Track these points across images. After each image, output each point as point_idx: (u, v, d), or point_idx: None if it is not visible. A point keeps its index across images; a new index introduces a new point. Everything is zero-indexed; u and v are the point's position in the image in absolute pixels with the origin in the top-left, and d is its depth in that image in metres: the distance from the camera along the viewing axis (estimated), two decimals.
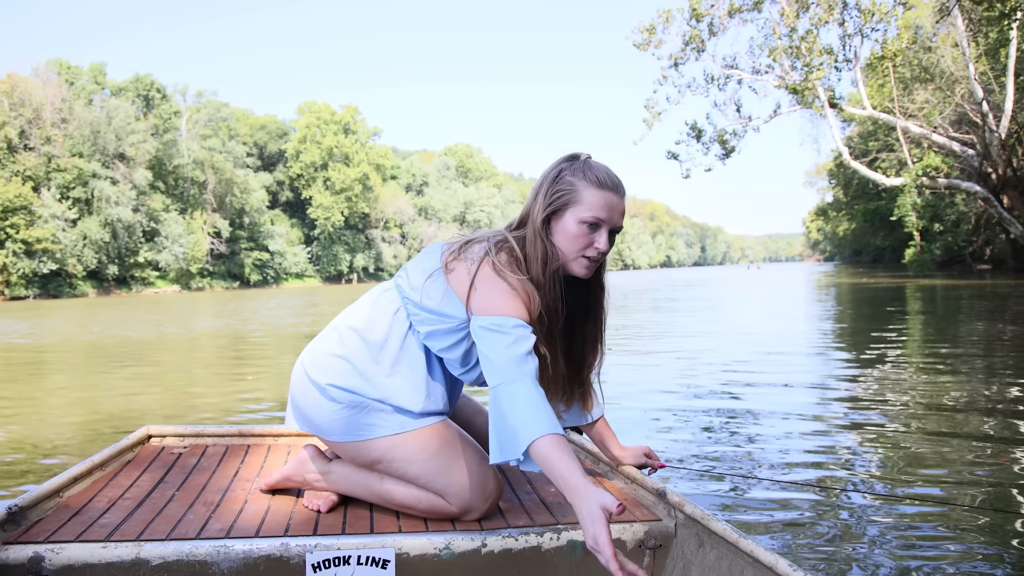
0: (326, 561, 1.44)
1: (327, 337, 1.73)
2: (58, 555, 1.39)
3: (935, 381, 4.99)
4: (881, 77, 30.16)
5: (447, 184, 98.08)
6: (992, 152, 27.85)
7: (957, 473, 2.83)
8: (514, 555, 1.50)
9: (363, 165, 77.01)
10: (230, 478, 1.94)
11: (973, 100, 28.34)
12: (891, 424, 3.71)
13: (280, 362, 7.35)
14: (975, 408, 4.04)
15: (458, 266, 1.58)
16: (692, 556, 1.49)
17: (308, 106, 78.02)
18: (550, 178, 1.60)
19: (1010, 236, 29.31)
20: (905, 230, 31.35)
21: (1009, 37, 25.27)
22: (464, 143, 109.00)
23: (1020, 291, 16.69)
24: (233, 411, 4.59)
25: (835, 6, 26.11)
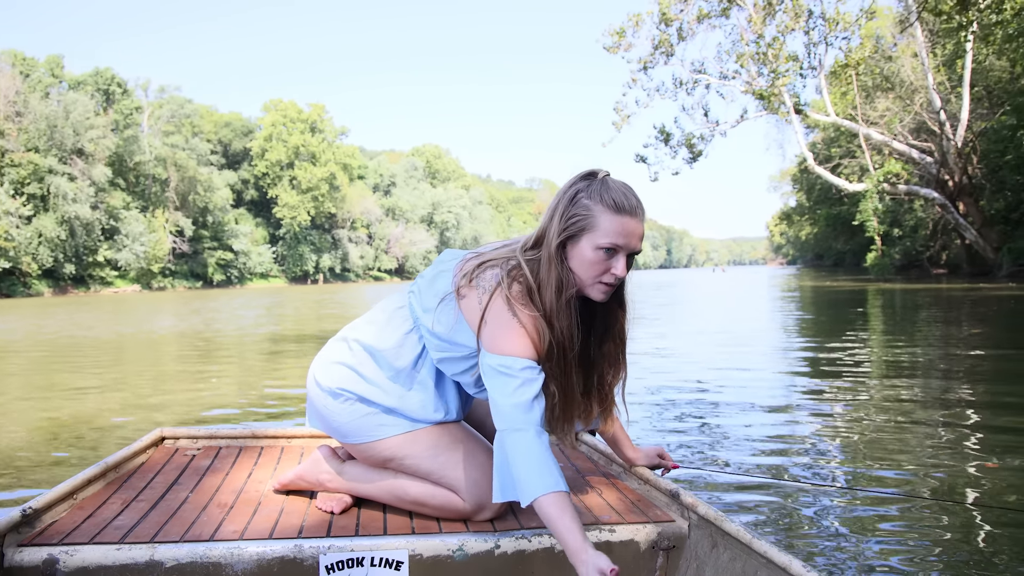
0: (339, 563, 1.44)
1: (338, 348, 1.72)
2: (72, 557, 1.39)
3: (929, 385, 5.06)
4: (844, 85, 30.71)
5: (415, 185, 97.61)
6: (949, 160, 28.56)
7: (964, 472, 2.87)
8: (527, 556, 1.50)
9: (330, 164, 76.30)
10: (243, 480, 1.94)
11: (931, 109, 29.03)
12: (884, 422, 3.74)
13: (246, 364, 7.21)
14: (973, 408, 4.10)
15: (470, 293, 1.55)
16: (706, 557, 1.49)
17: (274, 104, 77.06)
18: (565, 200, 1.55)
19: (965, 241, 30.06)
20: (867, 235, 31.96)
21: (965, 49, 25.93)
22: (432, 144, 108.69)
23: (974, 295, 17.11)
24: (196, 416, 4.48)
25: (801, 14, 26.54)
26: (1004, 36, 23.39)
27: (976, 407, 4.23)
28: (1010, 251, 26.31)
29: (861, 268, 41.30)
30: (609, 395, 1.74)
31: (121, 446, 2.23)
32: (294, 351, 8.36)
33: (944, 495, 2.64)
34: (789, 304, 16.41)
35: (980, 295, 16.91)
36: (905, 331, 9.00)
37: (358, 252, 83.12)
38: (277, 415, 4.40)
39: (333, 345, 1.75)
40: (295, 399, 4.96)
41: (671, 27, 29.14)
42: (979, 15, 18.89)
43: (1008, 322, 10.24)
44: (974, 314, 11.63)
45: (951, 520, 2.38)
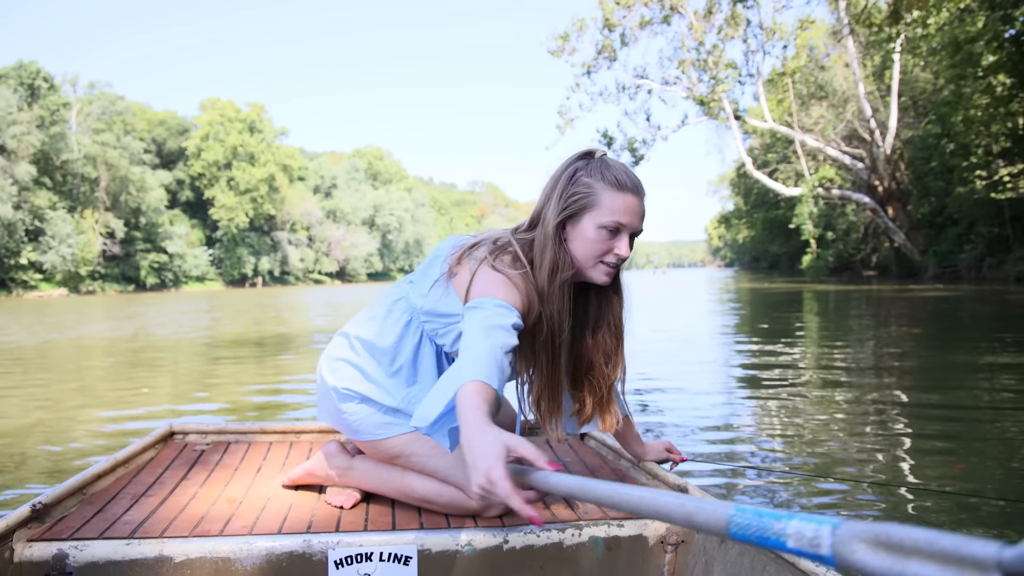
0: (348, 558, 1.44)
1: (342, 345, 1.72)
2: (82, 552, 1.39)
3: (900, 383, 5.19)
4: (781, 92, 31.63)
5: (356, 186, 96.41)
6: (879, 166, 29.68)
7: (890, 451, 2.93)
8: (536, 551, 1.50)
9: (269, 165, 74.68)
10: (252, 475, 1.94)
11: (862, 117, 30.13)
12: (865, 414, 3.81)
13: (181, 372, 6.96)
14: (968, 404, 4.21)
15: (461, 270, 1.53)
16: (714, 552, 1.49)
17: (211, 103, 75.05)
18: (564, 179, 1.50)
19: (894, 244, 31.26)
20: (802, 238, 32.96)
21: (893, 60, 27.02)
22: (374, 145, 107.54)
23: (902, 295, 17.79)
24: (122, 431, 4.29)
25: (740, 23, 27.21)
26: (928, 49, 24.47)
27: (911, 395, 4.37)
28: (935, 254, 27.46)
29: (796, 270, 42.52)
30: (605, 390, 1.68)
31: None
32: (230, 357, 8.13)
33: (893, 478, 2.70)
34: (730, 305, 16.76)
35: (909, 296, 17.59)
36: (841, 328, 9.28)
37: (298, 255, 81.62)
38: None
39: (339, 341, 1.73)
40: (231, 411, 4.80)
41: (614, 32, 29.58)
42: (906, 28, 19.70)
43: (934, 320, 10.67)
44: (903, 313, 12.08)
45: (960, 511, 2.42)
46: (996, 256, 24.07)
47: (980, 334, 8.38)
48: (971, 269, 24.93)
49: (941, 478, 2.80)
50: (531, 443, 1.06)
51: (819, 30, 32.08)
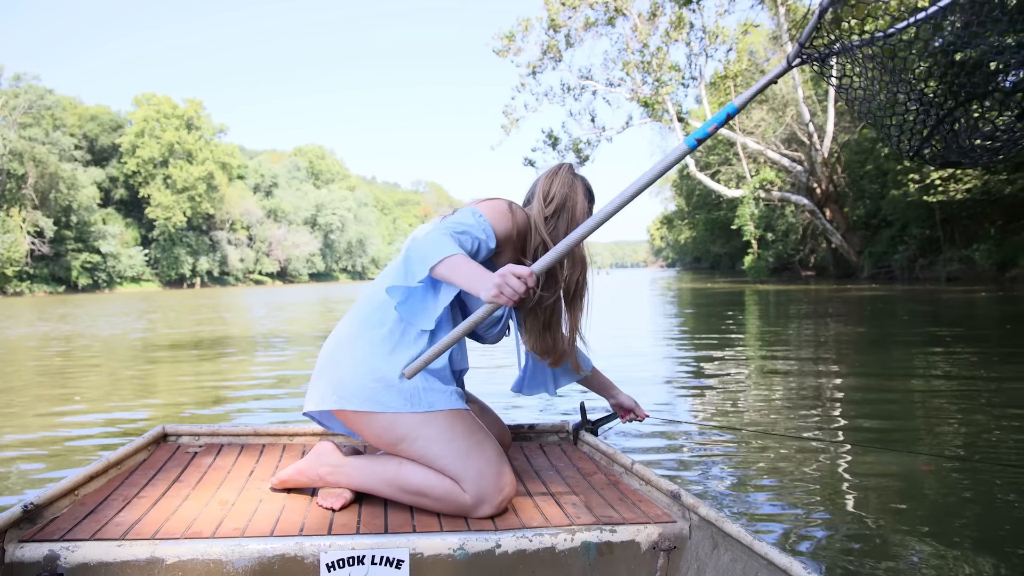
0: (340, 561, 1.45)
1: (361, 318, 1.82)
2: (73, 553, 1.40)
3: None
4: (722, 95, 32.17)
5: (297, 185, 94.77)
6: (817, 169, 30.46)
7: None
8: (528, 556, 1.51)
9: (208, 163, 72.73)
10: (245, 477, 1.94)
11: (801, 121, 30.90)
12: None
13: (117, 377, 6.59)
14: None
15: (458, 209, 1.82)
16: (707, 558, 1.50)
17: (146, 98, 72.59)
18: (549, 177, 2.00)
19: (831, 245, 32.14)
20: (743, 239, 33.64)
21: (830, 64, 27.73)
22: (315, 144, 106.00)
23: (839, 295, 18.27)
24: (54, 441, 3.99)
25: (683, 26, 27.56)
26: (864, 55, 25.21)
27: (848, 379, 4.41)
28: (870, 255, 28.32)
29: (737, 270, 43.40)
30: (569, 333, 2.00)
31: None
32: (168, 357, 7.76)
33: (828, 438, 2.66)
34: (674, 305, 16.92)
35: (846, 295, 18.06)
36: (781, 325, 9.41)
37: (238, 255, 79.75)
38: None
39: (360, 316, 1.82)
40: (163, 418, 4.53)
41: (559, 33, 29.63)
42: (844, 34, 20.19)
43: (872, 319, 10.93)
44: (841, 312, 12.36)
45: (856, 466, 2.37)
46: (928, 257, 24.95)
47: (915, 331, 8.58)
48: (904, 269, 25.78)
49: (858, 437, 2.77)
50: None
51: (760, 35, 32.80)
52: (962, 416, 3.90)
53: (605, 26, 29.56)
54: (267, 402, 4.85)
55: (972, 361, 5.98)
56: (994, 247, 21.73)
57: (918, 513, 2.42)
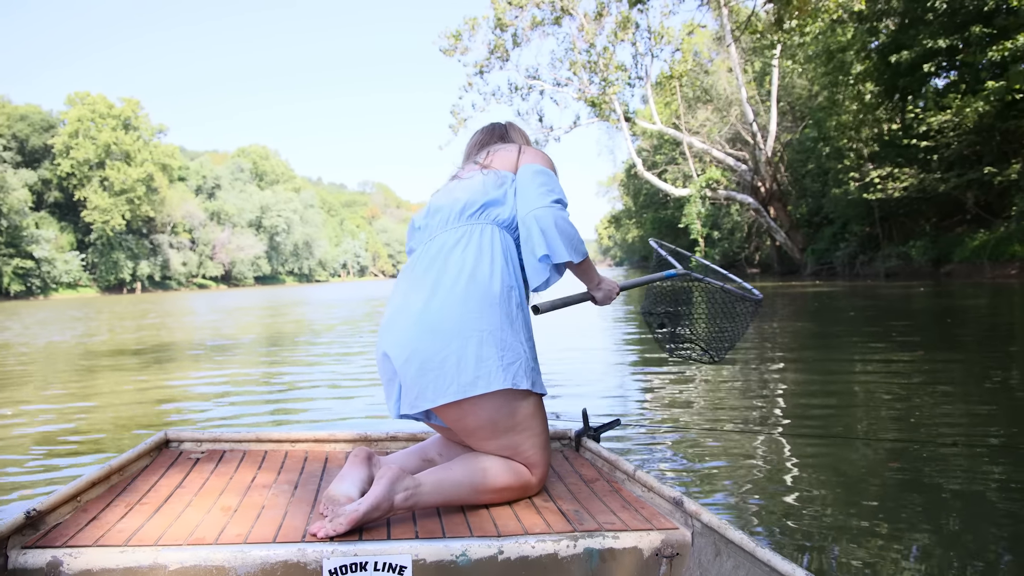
0: (343, 567, 1.44)
1: (462, 300, 1.74)
2: (76, 560, 1.39)
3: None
4: (668, 95, 32.55)
5: (241, 187, 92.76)
6: (761, 168, 31.04)
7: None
8: (530, 562, 1.50)
9: (147, 165, 70.56)
10: (248, 483, 1.93)
11: (745, 121, 31.43)
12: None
13: (52, 392, 6.21)
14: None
15: (496, 156, 1.99)
16: (709, 565, 1.50)
17: (80, 97, 70.02)
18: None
19: (776, 243, 32.79)
20: (690, 237, 34.06)
21: (772, 66, 28.34)
22: (259, 144, 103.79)
23: (785, 291, 18.63)
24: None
25: (629, 26, 27.76)
26: (804, 57, 25.80)
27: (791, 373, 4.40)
28: (813, 252, 28.97)
29: None
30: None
31: None
32: (108, 365, 7.38)
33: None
34: (623, 305, 16.99)
35: (791, 292, 18.42)
36: None
37: (180, 258, 77.67)
38: (78, 452, 3.71)
39: (477, 298, 1.75)
40: (101, 435, 4.25)
41: (506, 32, 29.59)
42: (786, 36, 20.62)
43: (818, 314, 11.13)
44: (788, 308, 12.57)
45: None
46: (868, 253, 25.62)
47: (858, 326, 8.73)
48: (845, 266, 26.43)
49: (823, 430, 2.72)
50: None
51: (704, 35, 33.27)
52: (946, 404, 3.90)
53: (552, 25, 29.65)
54: (231, 408, 4.60)
55: (941, 357, 6.07)
56: (929, 243, 22.41)
57: (920, 515, 2.42)
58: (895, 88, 22.18)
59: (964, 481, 2.69)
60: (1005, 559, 2.08)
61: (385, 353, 1.81)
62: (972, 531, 2.22)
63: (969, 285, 17.13)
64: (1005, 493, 2.60)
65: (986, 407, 4.06)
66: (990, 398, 4.33)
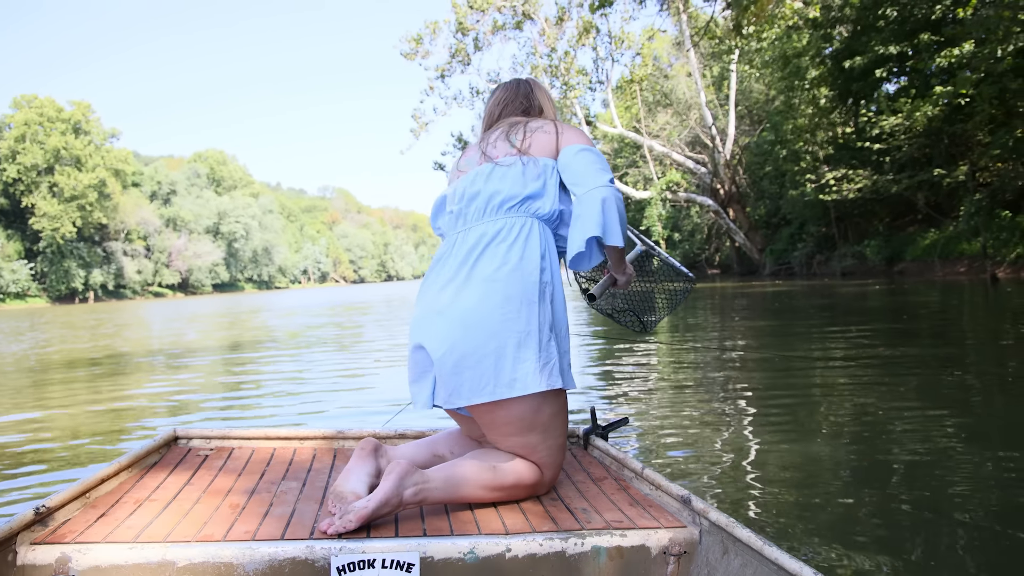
0: (351, 564, 1.44)
1: (500, 291, 1.72)
2: (85, 556, 1.40)
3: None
4: (629, 99, 32.89)
5: (198, 193, 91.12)
6: (720, 170, 31.56)
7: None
8: (538, 560, 1.51)
9: (99, 170, 68.95)
10: (256, 480, 1.94)
11: (704, 124, 31.93)
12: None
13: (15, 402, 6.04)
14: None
15: (534, 140, 1.89)
16: (717, 563, 1.50)
17: (27, 100, 68.12)
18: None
19: (735, 244, 33.35)
20: (652, 239, 34.40)
21: (730, 70, 28.86)
22: (216, 149, 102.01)
23: (745, 291, 19.00)
24: None
25: (590, 30, 28.01)
26: (761, 62, 26.32)
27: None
28: (772, 252, 29.54)
29: None
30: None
31: None
32: (60, 378, 7.21)
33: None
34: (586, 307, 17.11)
35: (751, 292, 18.76)
36: (695, 323, 9.64)
37: (135, 266, 75.99)
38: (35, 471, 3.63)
39: (518, 291, 1.73)
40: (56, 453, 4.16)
41: (468, 36, 29.62)
42: (743, 41, 21.05)
43: (779, 313, 11.37)
44: (747, 307, 12.81)
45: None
46: (824, 253, 26.22)
47: (820, 323, 8.95)
48: (803, 265, 27.02)
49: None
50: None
51: (664, 41, 33.72)
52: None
53: (513, 30, 29.76)
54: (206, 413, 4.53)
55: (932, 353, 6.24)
56: (883, 243, 23.04)
57: (929, 513, 2.42)
58: (848, 92, 22.79)
59: (971, 481, 2.69)
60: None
61: (419, 345, 1.78)
62: (982, 529, 2.23)
63: (921, 283, 17.64)
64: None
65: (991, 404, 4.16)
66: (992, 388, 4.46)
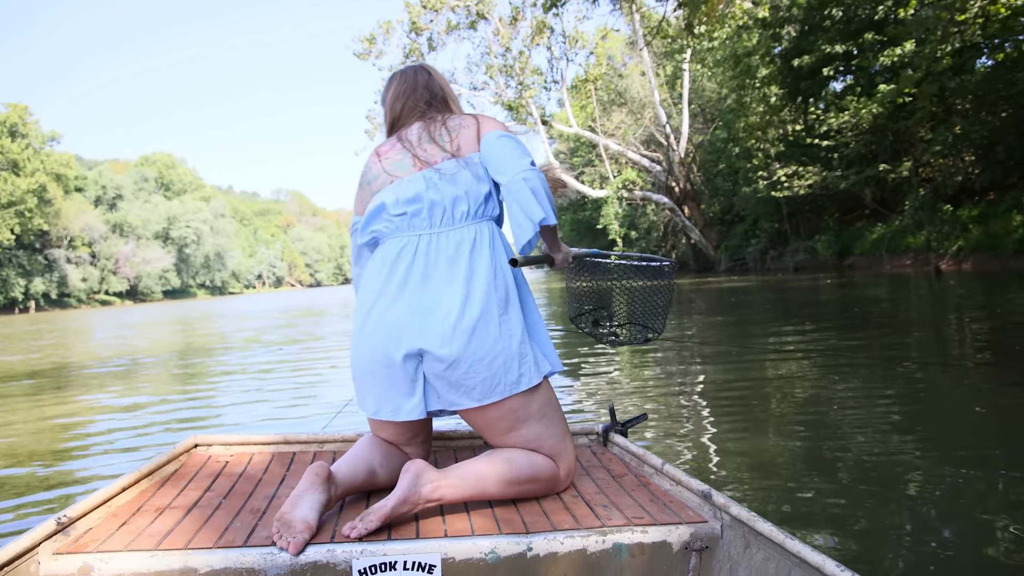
0: (372, 567, 1.44)
1: (473, 284, 1.77)
2: (107, 564, 1.41)
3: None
4: (584, 99, 33.12)
5: (146, 197, 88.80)
6: (675, 168, 31.99)
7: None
8: (559, 558, 1.51)
9: (38, 175, 66.61)
10: (276, 485, 1.94)
11: (658, 123, 32.34)
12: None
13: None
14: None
15: (460, 139, 1.90)
16: (739, 558, 1.50)
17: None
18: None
19: (691, 241, 33.85)
20: (609, 237, 34.73)
21: (683, 69, 29.27)
22: (164, 152, 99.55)
23: (702, 288, 19.27)
24: None
25: (544, 30, 28.12)
26: (713, 61, 26.75)
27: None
28: (727, 249, 30.06)
29: None
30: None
31: None
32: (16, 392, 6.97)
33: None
34: (545, 307, 17.22)
35: (708, 288, 19.05)
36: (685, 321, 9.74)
37: (79, 274, 73.72)
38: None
39: (484, 284, 1.78)
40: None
41: (421, 36, 29.47)
42: (695, 40, 21.37)
43: (736, 308, 11.60)
44: (700, 301, 13.03)
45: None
46: (777, 249, 26.78)
47: (775, 316, 9.15)
48: (757, 261, 27.55)
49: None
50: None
51: (618, 40, 34.03)
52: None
53: (467, 30, 29.70)
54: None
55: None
56: (833, 238, 23.64)
57: (950, 507, 2.42)
58: (798, 91, 23.31)
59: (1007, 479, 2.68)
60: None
61: (414, 352, 1.75)
62: (1007, 523, 2.24)
63: (870, 276, 18.15)
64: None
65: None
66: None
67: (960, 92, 17.70)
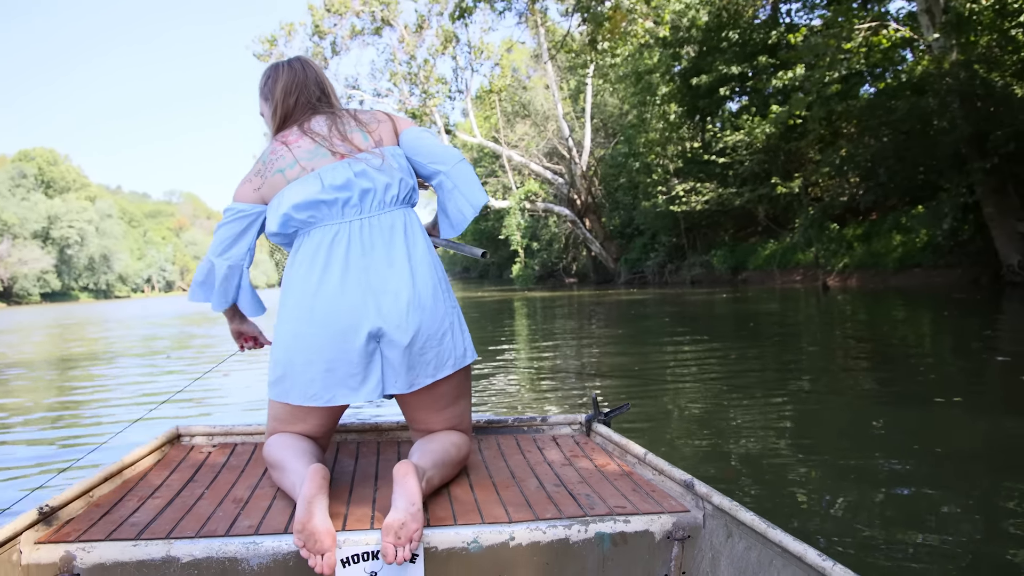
0: (355, 556, 1.43)
1: (419, 264, 1.82)
2: (89, 554, 1.41)
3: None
4: (488, 109, 33.07)
5: (24, 195, 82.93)
6: (577, 181, 32.38)
7: None
8: (542, 548, 1.51)
9: None
10: (259, 476, 1.93)
11: (561, 136, 32.65)
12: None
13: None
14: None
15: (381, 132, 1.95)
16: (721, 547, 1.51)
17: None
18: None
19: (592, 253, 34.30)
20: (511, 248, 34.77)
21: (586, 84, 29.70)
22: (46, 147, 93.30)
23: (602, 300, 19.54)
24: None
25: (450, 40, 27.90)
26: (616, 77, 27.24)
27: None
28: (626, 261, 30.58)
29: (505, 279, 44.88)
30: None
31: None
32: None
33: None
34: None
35: (608, 300, 19.27)
36: (551, 330, 9.68)
37: None
38: None
39: (427, 263, 1.83)
40: None
41: (325, 40, 28.70)
42: (597, 56, 21.66)
43: (634, 320, 11.69)
44: (604, 314, 13.09)
45: None
46: (675, 262, 27.43)
47: (670, 329, 9.22)
48: (655, 274, 28.14)
49: None
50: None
51: (523, 52, 34.19)
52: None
53: (372, 36, 29.14)
54: None
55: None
56: (728, 252, 24.41)
57: (934, 497, 2.52)
58: (696, 109, 23.98)
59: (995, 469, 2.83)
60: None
61: (374, 332, 1.73)
62: (995, 508, 2.33)
63: (763, 290, 18.80)
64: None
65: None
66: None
67: (846, 116, 18.60)
